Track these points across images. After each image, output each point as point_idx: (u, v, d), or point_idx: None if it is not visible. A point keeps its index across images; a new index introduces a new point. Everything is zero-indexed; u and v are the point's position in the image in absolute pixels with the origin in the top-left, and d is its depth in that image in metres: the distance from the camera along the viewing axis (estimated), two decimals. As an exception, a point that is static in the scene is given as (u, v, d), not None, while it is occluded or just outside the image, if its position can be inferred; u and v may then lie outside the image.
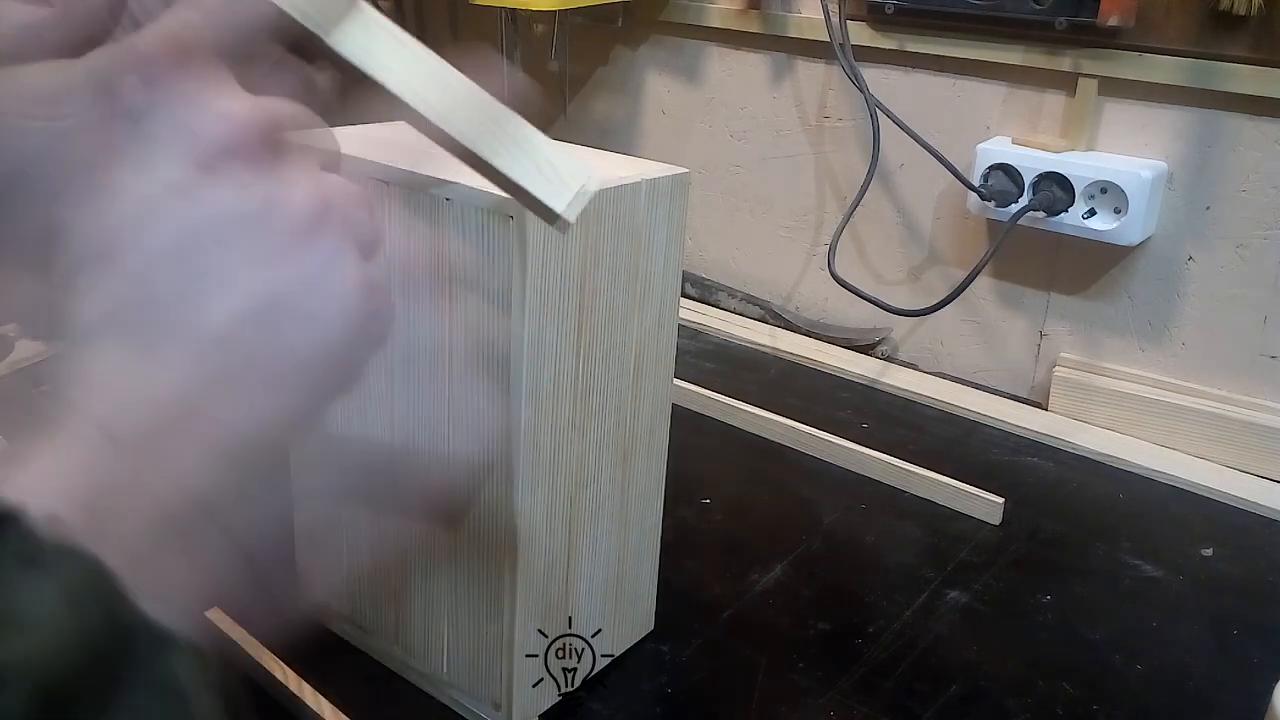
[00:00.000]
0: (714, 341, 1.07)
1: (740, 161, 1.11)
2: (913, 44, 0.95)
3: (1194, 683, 0.61)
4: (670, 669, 0.60)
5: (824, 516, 0.76)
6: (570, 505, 0.53)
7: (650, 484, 0.59)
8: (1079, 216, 0.86)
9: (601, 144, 0.52)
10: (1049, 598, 0.68)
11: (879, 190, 1.01)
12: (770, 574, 0.69)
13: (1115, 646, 0.64)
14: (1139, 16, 0.82)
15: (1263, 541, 0.76)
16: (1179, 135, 0.84)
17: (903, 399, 0.97)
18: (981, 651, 0.63)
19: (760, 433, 0.88)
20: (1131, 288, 0.90)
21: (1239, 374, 0.86)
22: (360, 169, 0.50)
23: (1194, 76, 0.81)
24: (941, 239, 1.00)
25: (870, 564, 0.71)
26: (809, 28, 1.00)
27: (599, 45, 1.18)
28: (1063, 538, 0.75)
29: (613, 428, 0.54)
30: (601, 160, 0.54)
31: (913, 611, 0.66)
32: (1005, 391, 0.98)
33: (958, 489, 0.78)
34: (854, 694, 0.58)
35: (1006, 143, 0.90)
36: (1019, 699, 0.59)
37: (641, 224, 0.51)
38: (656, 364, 0.56)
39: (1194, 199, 0.85)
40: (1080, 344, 0.94)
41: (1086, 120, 0.87)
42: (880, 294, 0.96)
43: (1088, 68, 0.86)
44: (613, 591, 0.58)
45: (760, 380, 0.98)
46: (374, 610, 0.58)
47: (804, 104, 1.05)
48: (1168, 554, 0.74)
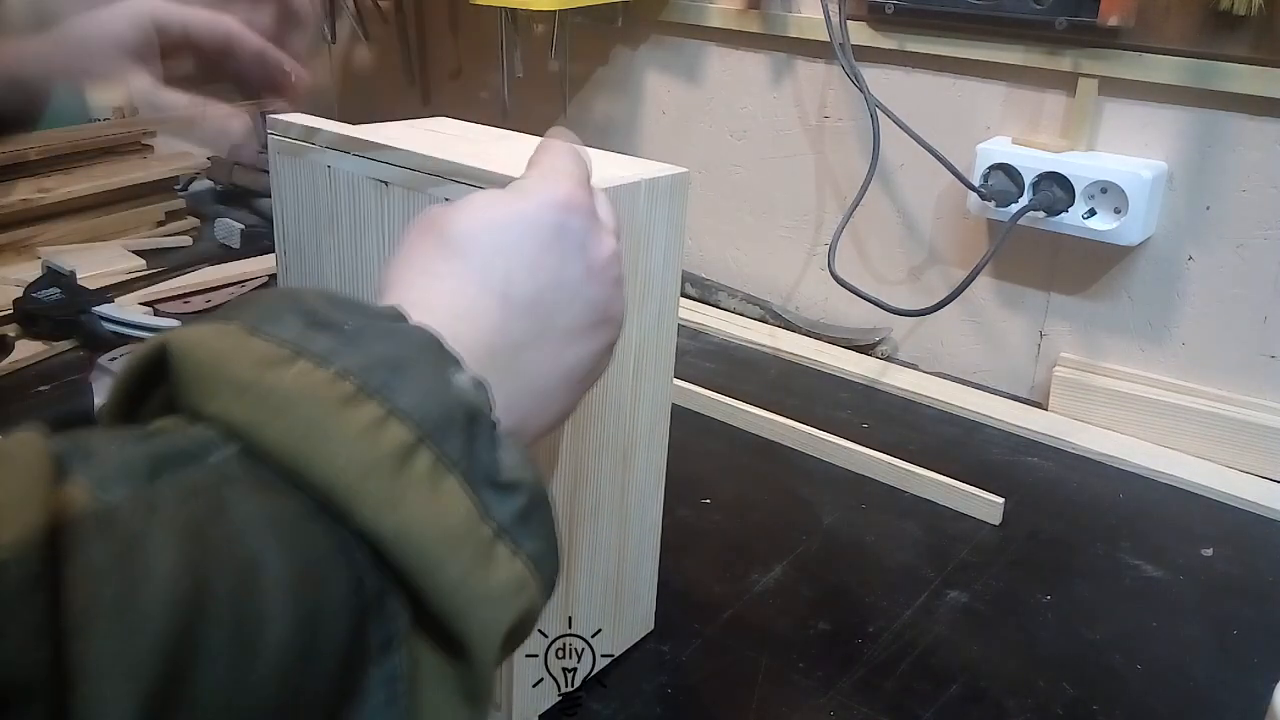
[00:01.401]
0: (714, 341, 1.07)
1: (740, 161, 1.11)
2: (913, 44, 0.95)
3: (1194, 683, 0.61)
4: (670, 669, 0.60)
5: (824, 516, 0.76)
6: (570, 505, 0.53)
7: (650, 484, 0.59)
8: (1079, 216, 0.86)
9: (601, 144, 0.52)
10: (1049, 598, 0.68)
11: (879, 190, 1.01)
12: (770, 574, 0.69)
13: (1115, 646, 0.64)
14: (1139, 16, 0.82)
15: (1263, 541, 0.76)
16: (1179, 135, 0.84)
17: (903, 399, 0.97)
18: (981, 651, 0.63)
19: (760, 433, 0.88)
20: (1131, 288, 0.90)
21: (1239, 374, 0.86)
22: (361, 169, 0.50)
23: (1194, 76, 0.81)
24: (941, 239, 1.00)
25: (870, 564, 0.71)
26: (809, 28, 1.00)
27: (599, 45, 1.18)
28: (1063, 538, 0.75)
29: (612, 427, 0.54)
30: (601, 160, 0.54)
31: (913, 611, 0.66)
32: (1005, 391, 0.98)
33: (958, 489, 0.78)
34: (854, 694, 0.58)
35: (1006, 143, 0.90)
36: (1019, 699, 0.59)
37: (641, 224, 0.51)
38: (656, 364, 0.56)
39: (1194, 199, 0.85)
40: (1080, 344, 0.94)
41: (1086, 120, 0.87)
42: (880, 294, 0.96)
43: (1088, 68, 0.86)
44: (613, 591, 0.58)
45: (760, 380, 0.98)
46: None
47: (804, 104, 1.05)
48: (1168, 554, 0.73)
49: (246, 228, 1.21)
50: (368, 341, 0.29)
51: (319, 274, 0.54)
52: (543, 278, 0.36)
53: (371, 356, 0.29)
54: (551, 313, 0.36)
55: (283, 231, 0.56)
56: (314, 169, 0.52)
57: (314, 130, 0.52)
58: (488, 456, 0.30)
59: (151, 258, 1.14)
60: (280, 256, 0.57)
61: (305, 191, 0.53)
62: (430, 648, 0.28)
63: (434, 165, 0.47)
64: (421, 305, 0.33)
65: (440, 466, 0.28)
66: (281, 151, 0.54)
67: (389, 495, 0.27)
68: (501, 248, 0.36)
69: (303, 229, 0.54)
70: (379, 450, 0.27)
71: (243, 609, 0.24)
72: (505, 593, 0.29)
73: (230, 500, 0.25)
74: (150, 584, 0.22)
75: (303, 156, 0.53)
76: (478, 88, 1.32)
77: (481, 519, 0.29)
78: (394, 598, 0.27)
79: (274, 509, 0.25)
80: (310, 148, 0.52)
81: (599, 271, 0.38)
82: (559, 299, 0.36)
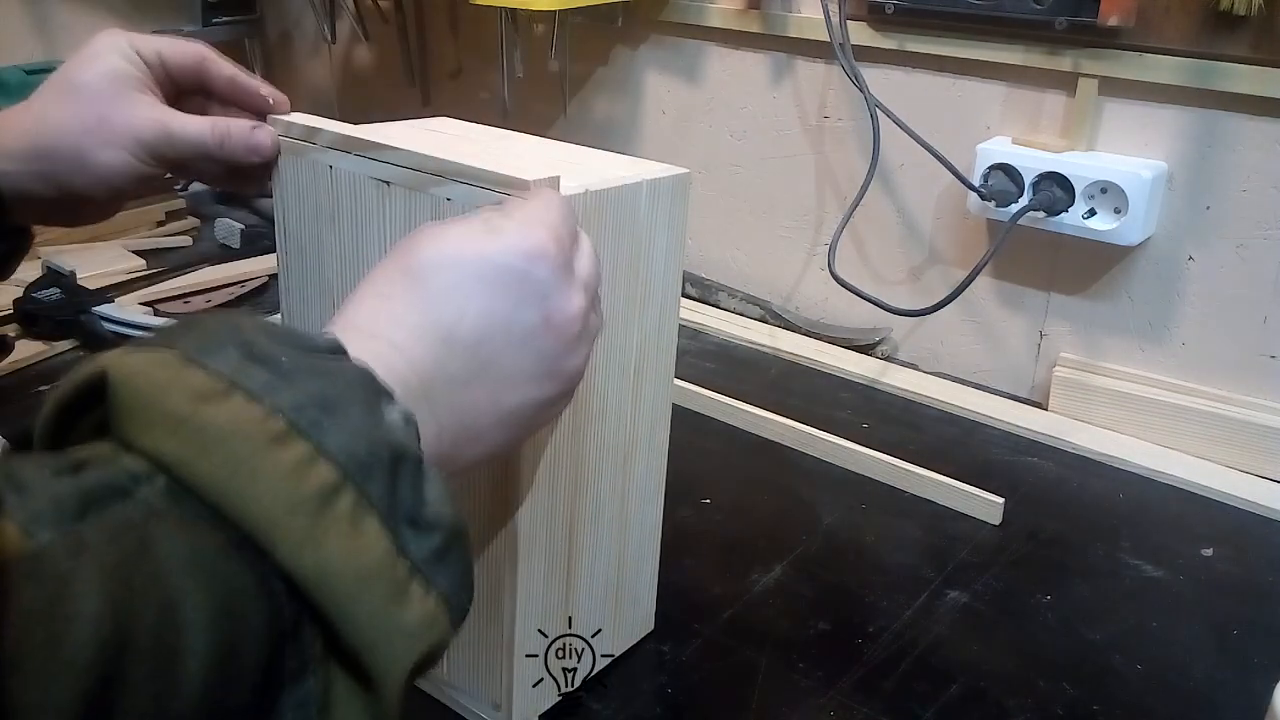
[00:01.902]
0: (714, 341, 1.07)
1: (740, 161, 1.11)
2: (913, 44, 0.95)
3: (1194, 683, 0.61)
4: (670, 669, 0.60)
5: (824, 516, 0.76)
6: (570, 505, 0.53)
7: (650, 484, 0.59)
8: (1079, 216, 0.86)
9: (601, 144, 0.52)
10: (1049, 598, 0.68)
11: (879, 190, 1.01)
12: (770, 574, 0.69)
13: (1115, 646, 0.64)
14: (1139, 16, 0.82)
15: (1263, 541, 0.76)
16: (1179, 135, 0.84)
17: (903, 399, 0.97)
18: (981, 651, 0.63)
19: (760, 433, 0.88)
20: (1131, 288, 0.90)
21: (1239, 374, 0.86)
22: (362, 168, 0.50)
23: (1194, 76, 0.81)
24: (941, 239, 1.00)
25: (870, 564, 0.71)
26: (809, 28, 1.00)
27: (599, 45, 1.18)
28: (1063, 538, 0.75)
29: (613, 428, 0.54)
30: (601, 160, 0.54)
31: (913, 611, 0.66)
32: (1005, 391, 0.98)
33: (958, 489, 0.78)
34: (854, 694, 0.58)
35: (1006, 143, 0.90)
36: (1019, 699, 0.59)
37: (642, 224, 0.51)
38: (657, 364, 0.56)
39: (1194, 199, 0.85)
40: (1080, 344, 0.94)
41: (1086, 120, 0.87)
42: (880, 294, 0.96)
43: (1088, 68, 0.86)
44: (613, 591, 0.58)
45: (760, 380, 0.98)
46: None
47: (804, 104, 1.05)
48: (1168, 554, 0.74)
49: (246, 228, 1.21)
50: (302, 378, 0.30)
51: (319, 274, 0.54)
52: (493, 321, 0.37)
53: (304, 394, 0.30)
54: (496, 357, 0.37)
55: (283, 231, 0.56)
56: (315, 168, 0.52)
57: (315, 130, 0.52)
58: (410, 496, 0.31)
59: (151, 258, 1.14)
60: (281, 256, 0.57)
61: (306, 191, 0.53)
62: (342, 674, 0.29)
63: (434, 165, 0.47)
64: (366, 330, 0.35)
65: (361, 506, 0.29)
66: (282, 151, 0.54)
67: (310, 534, 0.28)
68: (459, 284, 0.37)
69: (304, 229, 0.54)
70: (304, 490, 0.28)
71: (165, 644, 0.25)
72: (415, 629, 0.30)
73: (155, 537, 0.26)
74: (77, 625, 0.24)
75: (304, 156, 0.53)
76: (478, 88, 1.32)
77: (398, 558, 0.30)
78: (309, 627, 0.28)
79: (198, 545, 0.27)
80: (311, 147, 0.52)
81: (557, 326, 0.39)
82: (507, 344, 0.38)
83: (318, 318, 0.55)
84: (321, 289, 0.55)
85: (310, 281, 0.55)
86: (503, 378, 0.38)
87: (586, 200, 0.47)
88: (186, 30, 1.34)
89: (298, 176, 0.54)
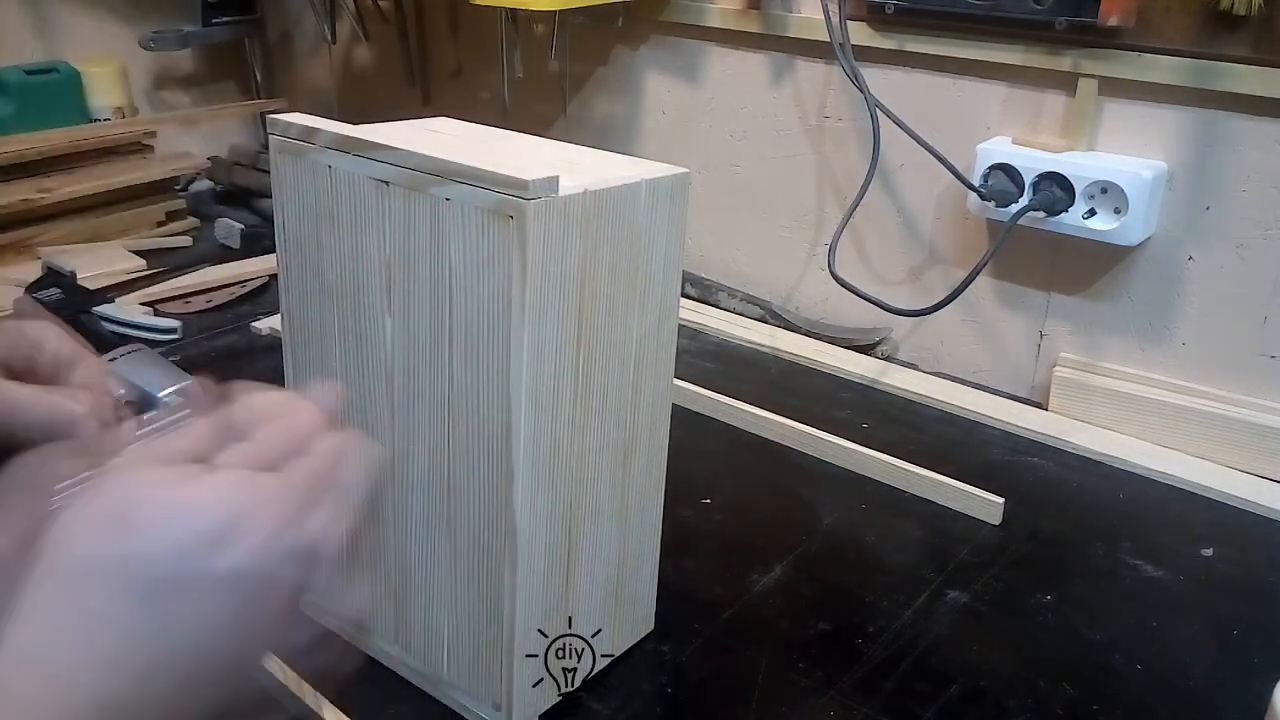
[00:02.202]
0: (714, 341, 1.07)
1: (740, 161, 1.11)
2: (913, 44, 0.95)
3: (1194, 683, 0.61)
4: (670, 669, 0.60)
5: (824, 516, 0.76)
6: (570, 505, 0.53)
7: (650, 484, 0.59)
8: (1079, 216, 0.86)
9: (601, 144, 0.52)
10: (1049, 598, 0.68)
11: (879, 190, 1.01)
12: (770, 574, 0.69)
13: (1115, 646, 0.64)
14: (1139, 16, 0.82)
15: (1263, 541, 0.76)
16: (1179, 135, 0.84)
17: (903, 399, 0.97)
18: (981, 651, 0.63)
19: (760, 433, 0.88)
20: (1131, 288, 0.90)
21: (1239, 374, 0.86)
22: (362, 169, 0.50)
23: (1194, 76, 0.81)
24: (941, 239, 1.00)
25: (870, 564, 0.71)
26: (809, 28, 1.00)
27: (599, 45, 1.18)
28: (1063, 538, 0.75)
29: (613, 427, 0.54)
30: (601, 160, 0.54)
31: (913, 611, 0.66)
32: (1005, 391, 0.98)
33: (958, 489, 0.78)
34: (854, 694, 0.58)
35: (1006, 143, 0.90)
36: (1019, 699, 0.59)
37: (642, 224, 0.51)
38: (656, 364, 0.56)
39: (1194, 199, 0.85)
40: (1080, 344, 0.94)
41: (1086, 120, 0.87)
42: (880, 294, 0.96)
43: (1088, 68, 0.86)
44: (613, 591, 0.58)
45: (760, 380, 0.98)
46: (374, 610, 0.58)
47: (804, 104, 1.05)
48: (1168, 554, 0.74)
49: (246, 228, 1.21)
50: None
51: (319, 274, 0.54)
52: (170, 639, 0.30)
53: None
54: (180, 681, 0.31)
55: (283, 231, 0.56)
56: (314, 169, 0.52)
57: (314, 130, 0.52)
58: None
59: (152, 258, 1.14)
60: (281, 256, 0.57)
61: (306, 191, 0.53)
62: None
63: (434, 165, 0.47)
64: (27, 658, 0.29)
65: None
66: (282, 151, 0.54)
67: None
68: (120, 592, 0.30)
69: (303, 229, 0.54)
70: None
71: None
72: None
73: None
74: None
75: (303, 156, 0.53)
76: (478, 88, 1.32)
77: None
78: None
79: None
80: (310, 147, 0.52)
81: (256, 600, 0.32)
82: (192, 662, 0.31)
83: (318, 317, 0.55)
84: (322, 289, 0.55)
85: (310, 281, 0.55)
86: (194, 674, 0.31)
87: (586, 200, 0.47)
88: (187, 30, 1.34)
89: (297, 176, 0.54)
